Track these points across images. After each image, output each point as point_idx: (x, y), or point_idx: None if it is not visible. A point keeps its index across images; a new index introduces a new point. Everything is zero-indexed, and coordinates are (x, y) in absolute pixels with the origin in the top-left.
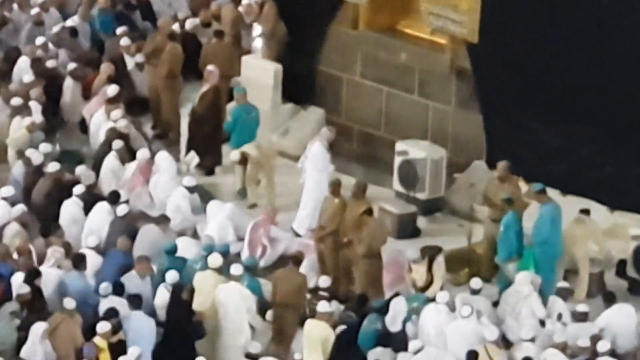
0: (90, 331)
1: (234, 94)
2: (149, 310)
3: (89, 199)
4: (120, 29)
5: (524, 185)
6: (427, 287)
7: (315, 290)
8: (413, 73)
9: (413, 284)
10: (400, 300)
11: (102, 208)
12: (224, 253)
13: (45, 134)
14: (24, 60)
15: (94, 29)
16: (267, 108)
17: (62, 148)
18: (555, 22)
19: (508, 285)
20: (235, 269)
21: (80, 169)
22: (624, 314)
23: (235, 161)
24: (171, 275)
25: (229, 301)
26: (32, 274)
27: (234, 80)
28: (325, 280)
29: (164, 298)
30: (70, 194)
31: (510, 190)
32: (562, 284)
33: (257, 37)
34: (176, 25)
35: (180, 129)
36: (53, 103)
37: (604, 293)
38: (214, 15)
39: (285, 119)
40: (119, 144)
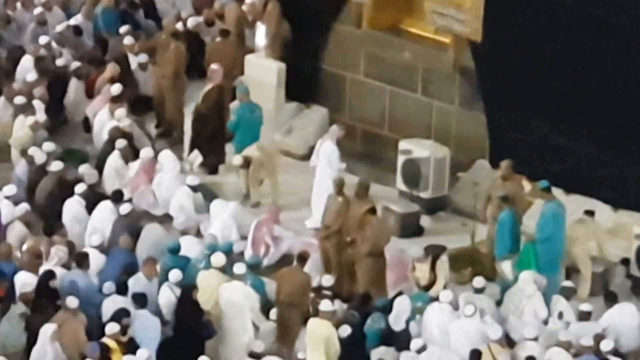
0: (93, 330)
1: (236, 93)
2: (156, 312)
3: (92, 198)
4: (123, 28)
5: (527, 184)
6: (431, 286)
7: (318, 289)
8: (416, 72)
9: (416, 283)
10: (404, 299)
11: (106, 207)
12: (227, 252)
13: (48, 132)
14: (27, 59)
15: (97, 28)
16: (271, 107)
17: (66, 147)
18: (559, 21)
19: (504, 284)
20: (239, 268)
21: (83, 168)
22: (626, 313)
23: (238, 165)
24: (174, 275)
25: (232, 300)
26: (47, 275)
27: (237, 81)
28: (328, 279)
29: (167, 297)
30: (73, 192)
31: (513, 189)
32: (566, 283)
33: (261, 36)
34: (179, 24)
35: (184, 128)
36: (56, 102)
37: (606, 293)
38: (217, 14)
39: (289, 118)
40: (123, 142)
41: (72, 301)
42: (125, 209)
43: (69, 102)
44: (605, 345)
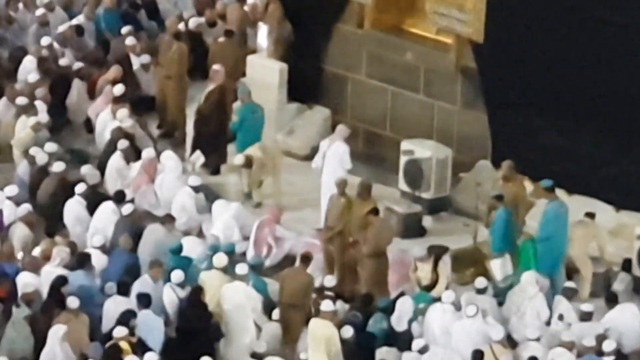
0: (95, 331)
1: (238, 94)
2: (159, 314)
3: (93, 198)
4: (125, 29)
5: (529, 185)
6: (432, 286)
7: (320, 289)
8: (418, 72)
9: (418, 282)
10: (406, 300)
11: (108, 207)
12: (230, 252)
13: (50, 133)
14: (29, 60)
15: (99, 29)
16: (273, 107)
17: (68, 147)
18: (561, 22)
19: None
20: (241, 269)
21: (85, 169)
22: (628, 313)
23: (240, 164)
24: (176, 275)
25: (234, 301)
26: (60, 281)
27: (239, 83)
28: (330, 280)
29: (169, 298)
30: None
31: (514, 190)
32: (568, 284)
33: (263, 37)
34: (181, 25)
35: (186, 129)
36: (58, 102)
37: (607, 294)
38: (219, 15)
39: (291, 119)
40: (125, 143)
41: (74, 301)
42: (127, 209)
43: (71, 103)
44: (608, 346)
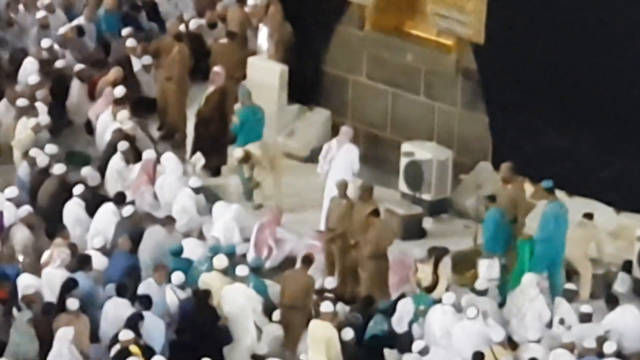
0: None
1: (238, 96)
2: (163, 317)
3: (92, 199)
4: (126, 30)
5: (529, 187)
6: (433, 288)
7: (321, 291)
8: (419, 74)
9: (418, 284)
10: (407, 301)
11: (108, 209)
12: (230, 254)
13: (51, 134)
14: (29, 62)
15: (99, 30)
16: (273, 109)
17: (68, 149)
18: (561, 23)
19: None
20: (241, 270)
21: (85, 170)
22: (628, 315)
23: (239, 158)
24: (177, 277)
25: (234, 302)
26: (70, 283)
27: (241, 84)
28: (331, 282)
29: (170, 299)
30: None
31: (514, 192)
32: (568, 285)
33: (263, 39)
34: (182, 26)
35: (186, 130)
36: (59, 104)
37: (607, 296)
38: (219, 16)
39: (291, 120)
40: (125, 145)
41: (73, 303)
42: (127, 211)
43: (71, 105)
44: (608, 347)
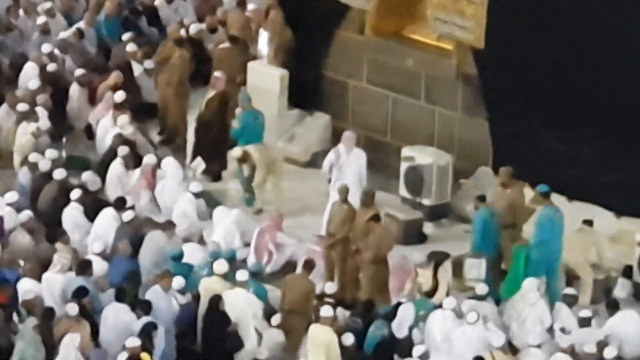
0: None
1: (239, 101)
2: (170, 324)
3: (92, 204)
4: (126, 35)
5: (529, 192)
6: (433, 293)
7: (321, 296)
8: (419, 79)
9: (418, 288)
10: (407, 306)
11: (109, 214)
12: (230, 259)
13: (51, 139)
14: (30, 67)
15: (100, 35)
16: (273, 114)
17: (69, 154)
18: (561, 28)
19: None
20: (241, 275)
21: (86, 175)
22: (629, 320)
23: (237, 157)
24: (177, 282)
25: (235, 307)
26: (81, 291)
27: (242, 89)
28: (331, 287)
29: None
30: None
31: (513, 197)
32: (568, 290)
33: (264, 43)
34: (182, 31)
35: (187, 135)
36: (59, 109)
37: (607, 301)
38: (220, 21)
39: (291, 125)
40: (125, 150)
41: (73, 308)
42: (127, 216)
43: (71, 109)
44: (609, 353)
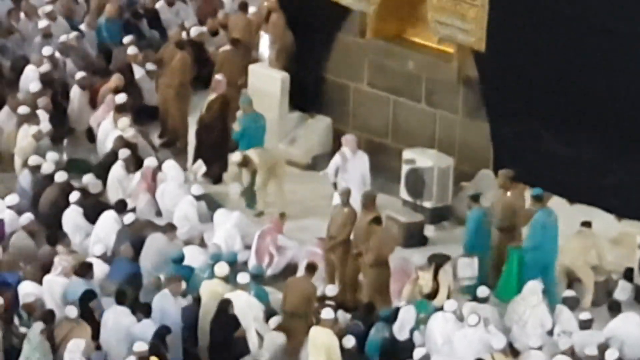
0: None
1: (240, 104)
2: (178, 328)
3: (93, 207)
4: (127, 38)
5: (529, 194)
6: (434, 295)
7: (322, 299)
8: (420, 82)
9: (419, 291)
10: (408, 309)
11: (110, 217)
12: (231, 262)
13: (52, 142)
14: (31, 69)
15: (101, 38)
16: (274, 117)
17: (69, 156)
18: (562, 31)
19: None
20: (242, 278)
21: (87, 178)
22: (630, 323)
23: (236, 162)
24: None
25: (236, 310)
26: (88, 295)
27: (243, 92)
28: (332, 289)
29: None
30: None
31: (512, 199)
32: (569, 293)
33: (265, 46)
34: (183, 34)
35: (188, 138)
36: (60, 112)
37: (609, 303)
38: (221, 24)
39: (293, 128)
40: (126, 152)
41: (72, 310)
42: (128, 218)
43: (72, 112)
44: (610, 355)
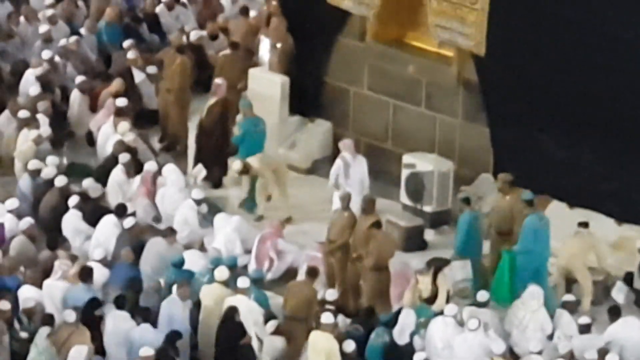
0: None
1: (239, 108)
2: (187, 333)
3: (93, 211)
4: (127, 42)
5: None
6: (433, 299)
7: (322, 303)
8: (420, 85)
9: (418, 295)
10: (409, 313)
11: (110, 221)
12: (231, 266)
13: (52, 146)
14: (31, 73)
15: (101, 42)
16: (274, 121)
17: (70, 161)
18: (562, 35)
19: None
20: (242, 282)
21: (87, 182)
22: (630, 327)
23: (237, 170)
24: None
25: None
26: (93, 303)
27: (243, 96)
28: (332, 294)
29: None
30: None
31: (511, 203)
32: (569, 297)
33: (265, 50)
34: (183, 38)
35: (188, 142)
36: (60, 116)
37: (609, 307)
38: (221, 28)
39: (293, 132)
40: (126, 157)
41: (70, 315)
42: (128, 222)
43: (72, 116)
44: (610, 359)
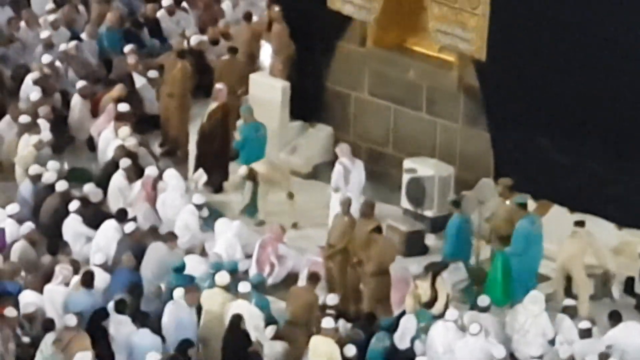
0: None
1: (240, 113)
2: (193, 339)
3: (94, 216)
4: (127, 47)
5: (532, 204)
6: (432, 303)
7: (323, 308)
8: (421, 90)
9: (418, 300)
10: (409, 317)
11: (110, 226)
12: (232, 271)
13: (53, 151)
14: (32, 78)
15: (101, 47)
16: (275, 126)
17: (70, 166)
18: (563, 39)
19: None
20: (243, 287)
21: (88, 187)
22: (631, 331)
23: (243, 176)
24: (179, 293)
25: None
26: (101, 313)
27: (244, 101)
28: (332, 298)
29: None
30: (74, 211)
31: (511, 207)
32: (568, 301)
33: (266, 55)
34: (184, 43)
35: (189, 147)
36: (61, 121)
37: (610, 312)
38: (222, 33)
39: (293, 137)
40: (127, 162)
41: (71, 319)
42: (129, 227)
43: (73, 121)
44: None
